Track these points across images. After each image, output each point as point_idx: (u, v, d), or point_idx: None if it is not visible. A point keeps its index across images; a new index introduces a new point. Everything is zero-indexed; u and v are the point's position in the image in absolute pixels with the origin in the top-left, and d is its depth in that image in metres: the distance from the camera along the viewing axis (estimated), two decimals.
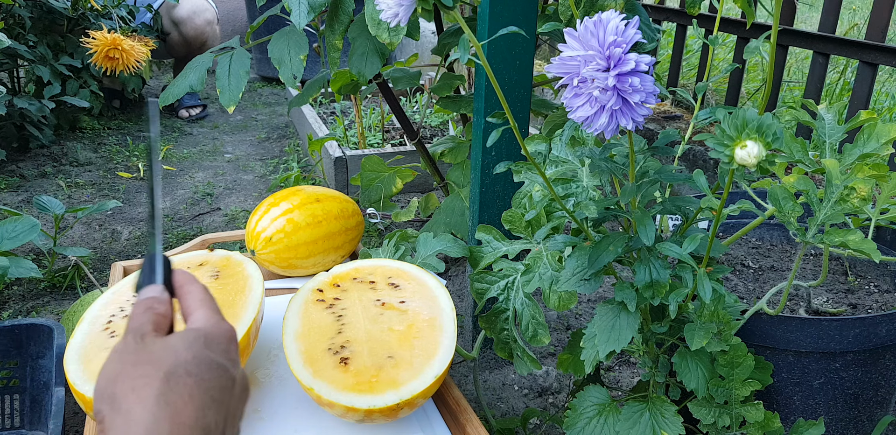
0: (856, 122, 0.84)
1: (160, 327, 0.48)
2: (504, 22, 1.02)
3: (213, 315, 0.50)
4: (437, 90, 1.47)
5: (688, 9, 1.30)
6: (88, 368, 0.79)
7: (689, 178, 0.74)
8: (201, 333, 0.48)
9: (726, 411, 0.80)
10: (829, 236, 0.72)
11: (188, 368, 0.44)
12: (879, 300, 0.97)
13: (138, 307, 0.49)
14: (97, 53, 2.02)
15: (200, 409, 0.43)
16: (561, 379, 1.28)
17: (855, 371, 0.89)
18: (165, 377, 0.43)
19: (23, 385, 1.08)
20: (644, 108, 0.61)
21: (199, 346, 0.46)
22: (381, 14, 0.65)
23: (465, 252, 1.00)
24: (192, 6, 2.76)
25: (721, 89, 2.53)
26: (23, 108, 2.21)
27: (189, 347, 0.46)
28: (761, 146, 0.57)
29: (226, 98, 1.26)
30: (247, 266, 0.96)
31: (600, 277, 0.77)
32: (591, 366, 0.77)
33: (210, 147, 2.65)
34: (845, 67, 2.57)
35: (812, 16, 4.07)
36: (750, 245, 1.14)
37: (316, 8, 1.17)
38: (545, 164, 0.89)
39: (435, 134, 2.39)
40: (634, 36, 0.58)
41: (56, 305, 1.53)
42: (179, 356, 0.45)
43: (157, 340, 0.47)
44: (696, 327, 0.76)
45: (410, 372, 0.81)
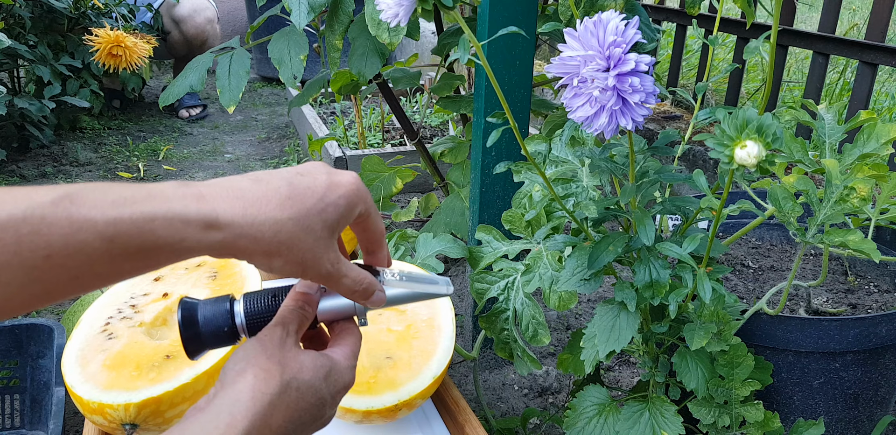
0: (855, 122, 0.84)
1: (302, 328, 0.52)
2: (504, 22, 1.02)
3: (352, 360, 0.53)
4: (437, 90, 1.47)
5: (687, 9, 1.30)
6: (86, 371, 0.79)
7: (688, 179, 0.74)
8: (331, 365, 0.51)
9: (726, 411, 0.80)
10: (829, 236, 0.71)
11: (300, 386, 0.48)
12: (879, 300, 0.97)
13: (293, 300, 0.52)
14: (100, 51, 2.02)
15: (288, 421, 0.47)
16: (561, 379, 1.28)
17: (855, 371, 0.88)
18: (283, 383, 0.47)
19: (23, 385, 1.08)
20: (644, 109, 0.60)
21: (321, 374, 0.50)
22: (381, 14, 0.65)
23: (465, 252, 1.00)
24: (192, 5, 2.76)
25: (721, 89, 2.53)
26: (23, 108, 2.21)
27: (314, 370, 0.50)
28: (761, 146, 0.57)
29: (226, 98, 1.26)
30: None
31: (600, 277, 0.77)
32: (591, 366, 0.77)
33: (210, 147, 2.65)
34: (845, 67, 2.57)
35: (812, 16, 4.07)
36: (750, 245, 1.14)
37: (316, 8, 1.17)
38: (545, 164, 0.89)
39: (435, 134, 2.39)
40: (634, 36, 0.58)
41: (56, 305, 1.53)
42: (302, 373, 0.49)
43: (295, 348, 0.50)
44: (695, 327, 0.76)
45: (409, 373, 0.81)
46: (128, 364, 0.79)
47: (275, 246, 0.44)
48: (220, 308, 0.52)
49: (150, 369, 0.79)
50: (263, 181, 0.46)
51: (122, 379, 0.77)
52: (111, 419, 0.75)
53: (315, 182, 0.47)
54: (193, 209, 0.42)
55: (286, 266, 0.46)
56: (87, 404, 0.76)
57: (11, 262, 0.38)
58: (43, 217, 0.38)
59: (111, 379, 0.77)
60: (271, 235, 0.44)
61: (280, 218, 0.44)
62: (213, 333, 0.51)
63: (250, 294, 0.54)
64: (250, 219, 0.44)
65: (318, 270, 0.48)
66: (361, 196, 0.49)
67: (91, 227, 0.39)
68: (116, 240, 0.40)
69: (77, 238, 0.39)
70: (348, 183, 0.49)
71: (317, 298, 0.54)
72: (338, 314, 0.55)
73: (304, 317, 0.52)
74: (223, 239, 0.43)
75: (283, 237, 0.45)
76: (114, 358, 0.80)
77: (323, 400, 0.50)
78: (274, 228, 0.44)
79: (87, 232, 0.39)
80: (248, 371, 0.47)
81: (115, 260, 0.40)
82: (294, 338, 0.50)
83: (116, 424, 0.75)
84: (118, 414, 0.75)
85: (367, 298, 0.52)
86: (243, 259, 0.45)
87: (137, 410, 0.75)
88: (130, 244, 0.40)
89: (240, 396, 0.45)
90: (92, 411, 0.76)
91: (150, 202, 0.42)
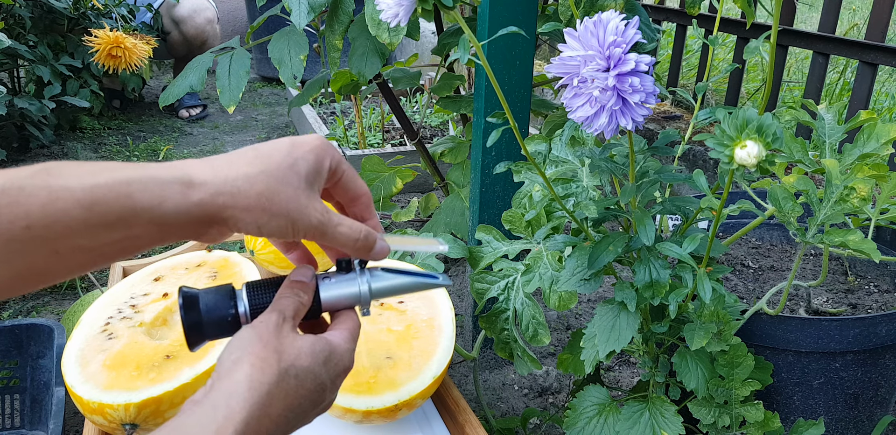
0: (856, 122, 0.84)
1: (299, 315, 0.51)
2: (504, 22, 1.02)
3: (351, 343, 0.52)
4: (437, 90, 1.47)
5: (688, 9, 1.30)
6: (86, 371, 0.79)
7: (688, 179, 0.74)
8: (330, 349, 0.50)
9: (726, 411, 0.80)
10: (829, 236, 0.71)
11: (299, 372, 0.47)
12: (879, 300, 0.97)
13: (288, 288, 0.51)
14: (100, 51, 2.02)
15: (287, 410, 0.46)
16: (561, 379, 1.28)
17: (855, 371, 0.88)
18: (281, 371, 0.46)
19: (23, 385, 1.08)
20: (644, 109, 0.60)
21: (320, 359, 0.49)
22: (381, 14, 0.65)
23: (465, 252, 1.00)
24: (192, 5, 2.76)
25: (721, 89, 2.53)
26: (23, 108, 2.21)
27: (312, 355, 0.48)
28: (761, 146, 0.57)
29: (226, 98, 1.26)
30: (244, 266, 0.96)
31: (600, 277, 0.77)
32: (591, 366, 0.77)
33: (210, 147, 2.65)
34: (845, 67, 2.57)
35: (812, 16, 4.07)
36: (750, 245, 1.14)
37: (316, 8, 1.17)
38: (545, 164, 0.89)
39: (435, 134, 2.39)
40: (634, 36, 0.58)
41: (56, 305, 1.53)
42: (300, 359, 0.47)
43: (292, 334, 0.49)
44: (696, 327, 0.76)
45: (409, 373, 0.81)
46: (128, 364, 0.79)
47: (254, 199, 0.45)
48: (223, 296, 0.51)
49: (150, 369, 0.79)
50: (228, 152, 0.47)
51: (122, 379, 0.77)
52: (111, 419, 0.75)
53: (278, 143, 0.48)
54: (167, 172, 0.43)
55: (273, 221, 0.45)
56: (87, 404, 0.76)
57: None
58: (21, 187, 0.39)
59: (111, 379, 0.77)
60: (247, 187, 0.44)
61: (251, 172, 0.45)
62: (216, 322, 0.51)
63: (252, 283, 0.53)
64: (222, 176, 0.44)
65: (307, 221, 0.47)
66: (328, 150, 0.50)
67: (69, 195, 0.39)
68: (94, 208, 0.40)
69: (55, 207, 0.39)
70: (312, 139, 0.50)
71: (312, 284, 0.52)
72: (341, 302, 0.54)
73: (300, 303, 0.51)
74: (202, 199, 0.43)
75: (259, 188, 0.45)
76: (114, 358, 0.80)
77: (323, 385, 0.49)
78: (248, 181, 0.45)
79: (64, 200, 0.39)
80: (243, 360, 0.45)
81: (95, 230, 0.40)
82: (291, 323, 0.49)
83: (116, 424, 0.75)
84: (118, 414, 0.75)
85: (369, 249, 0.51)
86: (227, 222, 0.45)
87: (137, 410, 0.75)
88: (109, 211, 0.41)
89: (237, 386, 0.44)
90: (92, 411, 0.76)
91: (125, 170, 0.42)
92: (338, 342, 0.51)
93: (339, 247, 0.50)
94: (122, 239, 0.42)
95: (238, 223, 0.45)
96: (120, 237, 0.42)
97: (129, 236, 0.42)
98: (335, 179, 0.52)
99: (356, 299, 0.54)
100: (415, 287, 0.56)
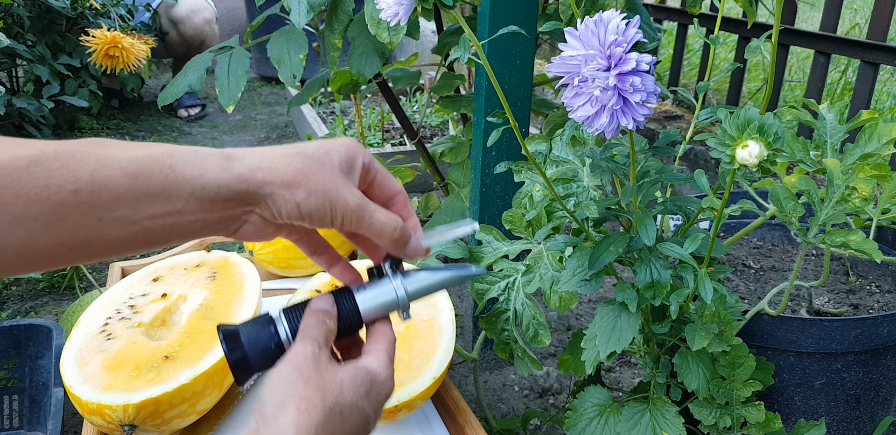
0: (857, 122, 0.84)
1: (329, 341, 0.50)
2: (504, 21, 1.02)
3: (389, 368, 0.51)
4: (437, 90, 1.46)
5: (689, 8, 1.29)
6: (85, 371, 0.78)
7: (690, 178, 0.74)
8: (370, 378, 0.49)
9: (727, 412, 0.79)
10: (831, 236, 0.71)
11: (343, 409, 0.46)
12: (881, 300, 0.96)
13: (312, 317, 0.50)
14: (97, 52, 2.01)
15: None
16: (561, 380, 1.28)
17: (856, 371, 0.88)
18: (326, 410, 0.45)
19: (21, 385, 1.08)
20: (645, 108, 0.60)
21: (362, 392, 0.48)
22: (381, 13, 0.65)
23: (465, 252, 1.00)
24: (190, 5, 2.75)
25: (722, 89, 2.52)
26: (21, 108, 2.21)
27: (354, 388, 0.48)
28: (762, 146, 0.57)
29: (225, 98, 1.26)
30: (244, 267, 0.96)
31: (601, 278, 0.76)
32: (591, 366, 0.77)
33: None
34: (846, 67, 2.57)
35: (813, 15, 4.07)
36: (751, 245, 1.14)
37: (315, 7, 1.17)
38: (545, 163, 0.89)
39: (435, 134, 2.39)
40: (635, 35, 0.58)
41: (55, 306, 1.53)
42: (343, 394, 0.47)
43: (331, 366, 0.48)
44: (697, 328, 0.76)
45: (408, 374, 0.81)
46: (126, 365, 0.79)
47: (291, 175, 0.45)
48: (262, 327, 0.50)
49: (149, 370, 0.78)
50: None
51: (121, 380, 0.77)
52: (110, 420, 0.75)
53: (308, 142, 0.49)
54: (209, 149, 0.45)
55: (312, 198, 0.45)
56: (85, 405, 0.75)
57: (41, 195, 0.38)
58: (73, 154, 0.40)
59: (110, 380, 0.77)
60: (284, 164, 0.45)
61: (288, 153, 0.46)
62: (261, 354, 0.49)
63: (288, 309, 0.51)
64: (260, 155, 0.46)
65: (345, 201, 0.47)
66: (359, 148, 0.50)
67: (116, 163, 0.41)
68: (139, 177, 0.41)
69: (103, 173, 0.40)
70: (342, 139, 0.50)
71: (334, 311, 0.51)
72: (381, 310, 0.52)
73: (329, 330, 0.50)
74: (241, 173, 0.44)
75: (296, 166, 0.45)
76: (112, 359, 0.80)
77: (367, 417, 0.48)
78: (285, 160, 0.45)
79: (112, 168, 0.40)
80: (288, 404, 0.45)
81: (139, 200, 0.41)
82: (326, 353, 0.48)
83: (115, 424, 0.75)
84: (117, 415, 0.74)
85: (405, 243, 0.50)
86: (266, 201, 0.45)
87: (136, 410, 0.74)
88: (152, 181, 0.41)
89: (284, 431, 0.43)
90: (90, 412, 0.75)
91: (170, 146, 0.44)
92: (377, 370, 0.50)
93: (376, 236, 0.49)
94: (164, 214, 0.42)
95: (277, 201, 0.45)
96: (161, 211, 0.42)
97: (171, 212, 0.42)
98: (369, 179, 0.51)
99: (395, 305, 0.52)
100: (451, 281, 0.54)
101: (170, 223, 0.43)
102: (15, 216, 0.38)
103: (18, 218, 0.38)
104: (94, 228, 0.40)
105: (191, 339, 0.83)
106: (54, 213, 0.39)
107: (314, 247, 0.54)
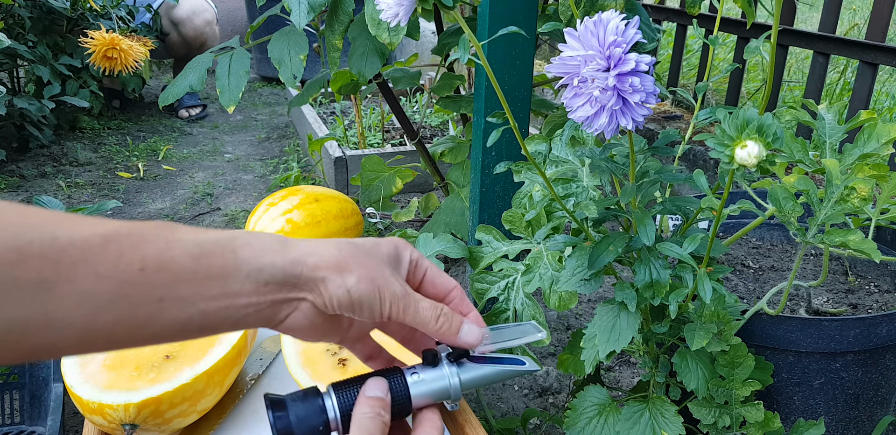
0: (856, 122, 0.84)
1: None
2: (504, 22, 1.02)
3: None
4: (437, 90, 1.47)
5: (688, 9, 1.29)
6: (85, 371, 0.79)
7: (689, 178, 0.74)
8: None
9: (726, 411, 0.80)
10: (830, 236, 0.71)
11: None
12: (880, 300, 0.97)
13: (367, 407, 0.50)
14: (95, 53, 2.02)
15: None
16: (561, 379, 1.28)
17: (855, 371, 0.88)
18: None
19: (22, 381, 1.08)
20: (644, 108, 0.60)
21: None
22: (381, 14, 0.65)
23: (465, 252, 1.00)
24: (191, 6, 2.75)
25: (721, 89, 2.53)
26: (22, 108, 2.21)
27: None
28: (761, 146, 0.57)
29: (226, 98, 1.26)
30: None
31: (600, 277, 0.77)
32: (591, 366, 0.77)
33: (210, 147, 2.65)
34: (845, 67, 2.57)
35: (812, 16, 4.07)
36: (750, 245, 1.14)
37: (316, 8, 1.17)
38: (545, 164, 0.89)
39: (435, 134, 2.39)
40: (634, 36, 0.58)
41: None
42: None
43: None
44: (696, 327, 0.76)
45: None
46: (127, 364, 0.79)
47: (342, 260, 0.47)
48: (312, 405, 0.49)
49: (150, 369, 0.79)
50: None
51: (122, 379, 0.77)
52: (111, 419, 0.75)
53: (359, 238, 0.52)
54: (267, 233, 0.48)
55: (361, 284, 0.47)
56: (86, 404, 0.76)
57: (109, 273, 0.40)
58: (143, 235, 0.42)
59: (111, 379, 0.77)
60: (336, 251, 0.47)
61: (339, 242, 0.48)
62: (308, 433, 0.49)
63: (338, 384, 0.51)
64: (311, 243, 0.48)
65: (392, 291, 0.48)
66: (407, 245, 0.52)
67: (181, 245, 0.43)
68: (202, 259, 0.43)
69: (168, 254, 0.42)
70: (391, 237, 0.53)
71: (388, 400, 0.51)
72: (431, 398, 0.52)
73: (384, 423, 0.49)
74: (295, 257, 0.46)
75: (347, 254, 0.47)
76: (113, 358, 0.80)
77: None
78: (336, 247, 0.48)
79: (177, 249, 0.42)
80: None
81: (199, 281, 0.43)
82: None
83: (116, 424, 0.75)
84: (118, 414, 0.74)
85: (454, 331, 0.51)
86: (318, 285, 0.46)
87: (137, 410, 0.75)
88: (213, 263, 0.43)
89: None
90: (91, 411, 0.76)
91: (233, 231, 0.46)
92: None
93: (422, 325, 0.50)
94: (220, 296, 0.43)
95: (329, 286, 0.46)
96: (218, 292, 0.43)
97: (227, 293, 0.43)
98: (419, 275, 0.53)
99: (446, 394, 0.52)
100: (504, 376, 0.54)
101: (224, 306, 0.44)
102: (82, 293, 0.39)
103: (85, 295, 0.39)
104: (154, 309, 0.41)
105: None
106: (119, 291, 0.40)
107: (369, 352, 0.56)
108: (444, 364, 0.52)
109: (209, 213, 2.04)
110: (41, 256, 0.38)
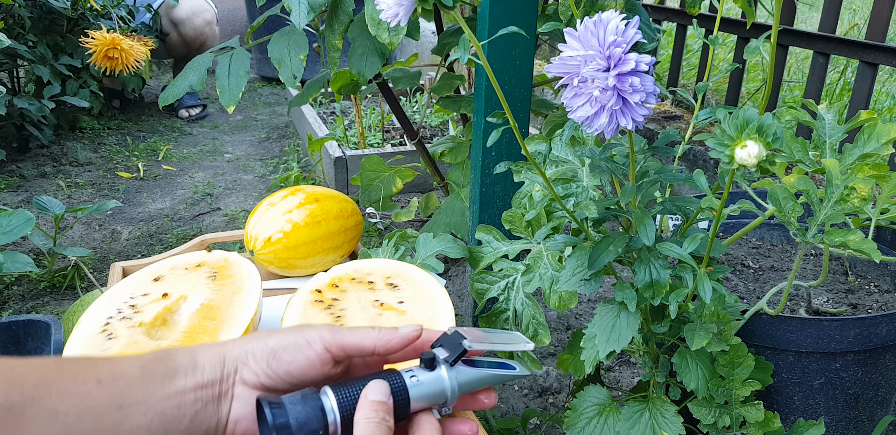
0: (856, 122, 0.84)
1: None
2: (504, 22, 1.02)
3: None
4: (437, 90, 1.47)
5: (688, 9, 1.29)
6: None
7: (689, 178, 0.74)
8: None
9: (726, 411, 0.80)
10: (830, 236, 0.71)
11: None
12: (880, 300, 0.97)
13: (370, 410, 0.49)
14: (96, 53, 2.02)
15: None
16: (561, 379, 1.28)
17: (855, 371, 0.88)
18: None
19: None
20: (644, 108, 0.60)
21: None
22: (381, 14, 0.65)
23: (465, 252, 1.00)
24: (191, 6, 2.75)
25: (721, 89, 2.53)
26: (22, 108, 2.21)
27: None
28: (761, 146, 0.57)
29: (226, 98, 1.26)
30: (244, 267, 0.96)
31: (600, 277, 0.77)
32: (591, 366, 0.77)
33: (210, 147, 2.65)
34: (845, 67, 2.57)
35: (812, 16, 4.07)
36: (750, 245, 1.14)
37: (316, 8, 1.17)
38: (545, 164, 0.89)
39: (435, 134, 2.39)
40: (634, 36, 0.58)
41: (56, 305, 1.53)
42: None
43: None
44: (696, 327, 0.76)
45: None
46: None
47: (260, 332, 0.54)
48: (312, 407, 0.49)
49: None
50: None
51: None
52: None
53: None
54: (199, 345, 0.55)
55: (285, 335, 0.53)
56: None
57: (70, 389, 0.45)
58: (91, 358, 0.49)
59: None
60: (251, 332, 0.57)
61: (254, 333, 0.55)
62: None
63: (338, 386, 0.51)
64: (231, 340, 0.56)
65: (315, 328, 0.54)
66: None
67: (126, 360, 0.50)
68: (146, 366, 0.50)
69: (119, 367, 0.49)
70: None
71: (391, 405, 0.50)
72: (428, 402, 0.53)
73: (388, 428, 0.49)
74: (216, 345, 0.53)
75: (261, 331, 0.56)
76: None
77: None
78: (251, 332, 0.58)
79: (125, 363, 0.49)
80: None
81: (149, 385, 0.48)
82: None
83: None
84: None
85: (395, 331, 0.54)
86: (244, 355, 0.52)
87: None
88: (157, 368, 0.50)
89: None
90: None
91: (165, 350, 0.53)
92: None
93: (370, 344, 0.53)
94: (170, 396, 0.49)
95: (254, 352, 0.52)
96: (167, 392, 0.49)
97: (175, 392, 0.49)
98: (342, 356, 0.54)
99: (444, 397, 0.53)
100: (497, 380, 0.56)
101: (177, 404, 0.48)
102: (49, 410, 0.43)
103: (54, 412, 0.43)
104: (117, 418, 0.45)
105: (192, 338, 0.83)
106: (83, 405, 0.44)
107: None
108: (441, 367, 0.53)
109: (209, 213, 2.04)
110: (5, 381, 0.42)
